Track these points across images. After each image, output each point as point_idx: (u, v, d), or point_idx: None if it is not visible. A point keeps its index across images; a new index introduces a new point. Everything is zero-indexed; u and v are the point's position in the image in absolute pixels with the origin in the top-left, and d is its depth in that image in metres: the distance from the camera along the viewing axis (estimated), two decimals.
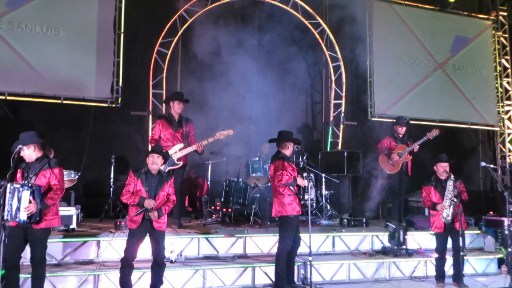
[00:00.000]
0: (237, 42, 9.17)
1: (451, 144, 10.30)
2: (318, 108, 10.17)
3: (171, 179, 5.13)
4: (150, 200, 4.85)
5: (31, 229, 4.44)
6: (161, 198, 4.96)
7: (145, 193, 4.90)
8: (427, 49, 10.72)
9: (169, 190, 5.07)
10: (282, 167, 5.31)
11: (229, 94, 9.20)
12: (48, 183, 4.55)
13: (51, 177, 4.58)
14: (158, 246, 4.98)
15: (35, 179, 4.49)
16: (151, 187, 4.93)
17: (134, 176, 4.97)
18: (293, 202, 5.37)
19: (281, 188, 5.34)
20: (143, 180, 4.93)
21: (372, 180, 8.38)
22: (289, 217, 5.33)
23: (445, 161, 6.14)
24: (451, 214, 5.90)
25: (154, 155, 5.01)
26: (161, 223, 4.96)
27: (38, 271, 4.57)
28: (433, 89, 10.64)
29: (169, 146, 6.42)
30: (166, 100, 6.75)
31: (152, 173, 4.99)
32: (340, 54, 9.84)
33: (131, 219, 4.91)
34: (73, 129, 8.31)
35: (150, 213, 4.85)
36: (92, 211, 7.51)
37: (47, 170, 4.57)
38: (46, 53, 8.06)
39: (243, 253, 6.32)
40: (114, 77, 8.49)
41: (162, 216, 4.93)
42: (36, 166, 4.54)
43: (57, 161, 4.67)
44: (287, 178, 5.26)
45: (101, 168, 8.34)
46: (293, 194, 5.40)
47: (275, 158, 5.51)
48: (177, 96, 6.60)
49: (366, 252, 6.76)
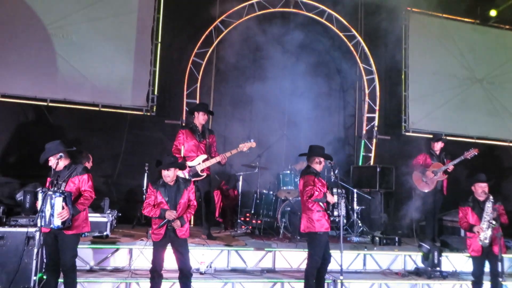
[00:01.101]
0: (270, 54, 9.22)
1: (489, 162, 9.95)
2: (350, 121, 10.06)
3: (190, 185, 5.11)
4: (171, 212, 4.87)
5: (62, 235, 4.53)
6: (182, 206, 4.98)
7: (165, 204, 4.93)
8: (465, 63, 10.45)
9: (190, 196, 5.05)
10: (312, 183, 5.25)
11: (262, 106, 9.25)
12: (78, 189, 4.65)
13: (80, 183, 4.68)
14: (182, 256, 4.97)
15: (64, 185, 4.59)
16: (171, 197, 4.95)
17: (153, 188, 4.99)
18: (322, 219, 5.29)
19: (310, 203, 5.29)
20: (162, 191, 4.96)
21: (405, 197, 8.20)
22: (318, 233, 5.25)
23: (484, 181, 5.91)
24: (489, 237, 5.67)
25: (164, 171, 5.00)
26: (184, 231, 4.97)
27: (69, 277, 4.65)
28: (471, 104, 10.35)
29: (192, 157, 6.42)
30: (191, 110, 6.79)
31: (170, 183, 5.03)
32: (374, 67, 9.72)
33: (154, 232, 4.94)
34: (109, 135, 8.53)
35: (173, 223, 4.88)
36: (125, 217, 7.64)
37: (76, 177, 4.66)
38: (87, 61, 8.33)
39: (272, 268, 6.28)
40: (150, 86, 8.68)
41: (184, 224, 4.95)
42: (65, 173, 4.64)
43: (84, 167, 4.76)
44: (316, 194, 5.19)
45: (135, 175, 8.50)
46: (322, 210, 5.31)
47: (305, 172, 5.45)
48: (202, 107, 6.62)
49: (398, 272, 6.58)
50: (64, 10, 8.30)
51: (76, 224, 4.59)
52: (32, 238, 5.08)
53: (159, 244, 4.96)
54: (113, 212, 6.79)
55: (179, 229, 4.92)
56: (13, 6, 8.05)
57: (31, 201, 6.09)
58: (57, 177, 4.61)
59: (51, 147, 4.69)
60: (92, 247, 5.74)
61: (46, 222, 4.38)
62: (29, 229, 5.10)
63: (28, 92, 8.02)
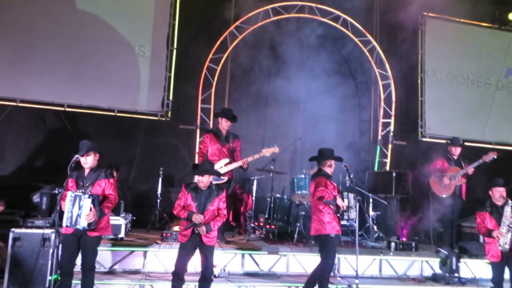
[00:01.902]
0: (284, 59, 9.24)
1: (508, 168, 9.71)
2: (365, 127, 9.98)
3: (222, 193, 5.10)
4: (198, 215, 4.87)
5: (85, 236, 4.58)
6: (210, 213, 4.97)
7: (194, 208, 4.94)
8: (483, 68, 10.31)
9: (220, 205, 5.05)
10: (324, 185, 5.23)
11: (276, 110, 9.25)
12: (103, 192, 4.71)
13: (106, 187, 4.73)
14: (206, 261, 4.98)
15: (91, 188, 4.66)
16: (200, 202, 4.97)
17: (185, 190, 5.02)
18: (333, 221, 5.24)
19: (320, 205, 5.26)
20: (193, 195, 4.98)
21: (422, 203, 8.07)
22: (329, 236, 5.20)
23: (502, 186, 5.80)
24: (509, 242, 5.54)
25: (197, 176, 5.03)
26: (211, 238, 4.95)
27: (88, 278, 4.69)
28: (488, 109, 10.21)
29: (215, 161, 6.47)
30: (216, 114, 6.84)
31: (202, 188, 5.03)
32: (390, 72, 9.65)
33: (181, 233, 4.98)
34: (125, 140, 8.63)
35: (199, 228, 4.87)
36: (139, 221, 7.67)
37: (103, 180, 4.72)
38: (103, 67, 8.47)
39: (286, 272, 6.21)
40: (165, 92, 8.77)
41: (211, 231, 4.95)
42: (92, 175, 4.70)
43: (111, 172, 4.84)
44: (327, 195, 5.17)
45: (149, 180, 8.56)
46: (332, 212, 5.28)
47: (317, 175, 5.43)
48: (226, 113, 6.64)
49: (415, 278, 6.45)
50: (82, 17, 8.45)
51: (100, 227, 4.64)
52: (48, 239, 5.14)
53: (184, 247, 4.95)
54: (127, 216, 6.83)
55: (205, 236, 4.89)
56: (32, 13, 8.24)
57: (47, 203, 6.16)
58: (83, 179, 4.67)
59: (92, 144, 4.73)
60: (107, 249, 5.76)
61: (72, 222, 4.44)
62: (45, 230, 5.16)
63: (46, 98, 8.18)
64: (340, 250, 6.44)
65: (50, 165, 7.94)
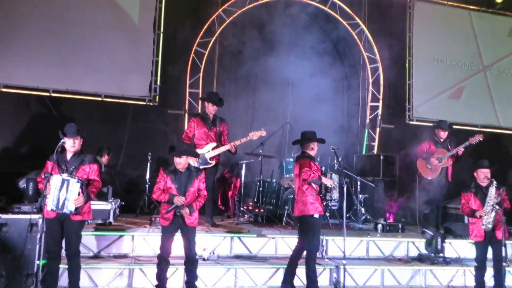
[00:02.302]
0: (273, 43, 9.20)
1: (494, 150, 9.86)
2: (354, 110, 10.01)
3: (201, 174, 5.15)
4: (179, 197, 4.90)
5: (69, 221, 4.56)
6: (191, 194, 5.01)
7: (175, 190, 4.95)
8: (470, 51, 10.34)
9: (200, 186, 5.09)
10: (308, 165, 5.33)
11: (265, 94, 9.23)
12: (88, 177, 4.69)
13: (90, 172, 4.72)
14: (189, 243, 5.03)
15: (75, 172, 4.63)
16: (181, 184, 4.98)
17: (164, 173, 5.03)
18: (316, 202, 5.35)
19: (304, 186, 5.36)
20: (173, 177, 4.99)
21: (409, 185, 8.18)
22: (312, 216, 5.31)
23: (486, 167, 5.89)
24: (492, 221, 5.64)
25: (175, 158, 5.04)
26: (193, 219, 5.01)
27: (74, 262, 4.70)
28: (476, 92, 10.26)
29: (202, 145, 6.47)
30: (202, 99, 6.80)
31: (181, 170, 5.04)
32: (378, 56, 9.65)
33: (163, 217, 4.99)
34: (112, 126, 8.56)
35: (182, 210, 4.90)
36: (128, 206, 7.66)
37: (87, 165, 4.71)
38: (89, 51, 8.31)
39: (275, 254, 6.29)
40: (152, 76, 8.67)
41: (193, 212, 4.98)
42: (75, 160, 4.67)
43: (95, 157, 4.82)
44: (312, 175, 5.26)
45: (138, 165, 8.54)
46: (315, 193, 5.38)
47: (301, 157, 5.54)
48: (212, 97, 6.60)
49: (401, 258, 6.58)
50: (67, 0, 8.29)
51: (83, 211, 4.63)
52: (35, 225, 5.09)
53: (167, 230, 5.00)
54: (116, 201, 6.82)
55: (188, 217, 4.95)
56: None
57: (33, 188, 6.12)
58: (66, 163, 4.62)
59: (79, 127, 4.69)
60: (96, 234, 5.77)
61: (59, 206, 4.43)
62: (32, 216, 5.12)
63: (30, 83, 8.04)
64: (328, 232, 6.55)
65: (35, 151, 7.84)
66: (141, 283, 5.38)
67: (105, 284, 5.29)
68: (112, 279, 5.32)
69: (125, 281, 5.37)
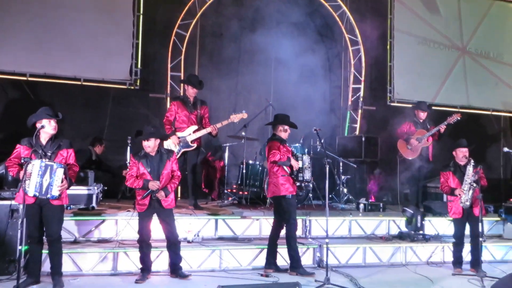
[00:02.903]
0: (255, 25, 9.11)
1: (472, 130, 10.09)
2: (336, 92, 10.04)
3: (173, 156, 5.16)
4: (154, 182, 4.90)
5: (49, 205, 4.52)
6: (165, 177, 5.01)
7: (148, 175, 4.95)
8: (450, 32, 10.44)
9: (173, 167, 5.11)
10: (276, 148, 5.42)
11: (247, 77, 9.19)
12: (66, 162, 4.65)
13: (68, 156, 4.68)
14: (168, 225, 5.06)
15: (54, 157, 4.57)
16: (153, 168, 4.98)
17: (134, 160, 5.01)
18: (286, 183, 5.45)
19: (274, 168, 5.46)
20: (144, 162, 4.98)
21: (390, 165, 8.32)
22: (284, 197, 5.42)
23: (465, 146, 6.05)
24: (470, 199, 5.83)
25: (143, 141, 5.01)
26: (169, 201, 5.03)
27: (55, 247, 4.68)
28: (455, 74, 10.40)
29: (183, 128, 6.45)
30: (182, 81, 6.73)
31: (151, 154, 5.01)
32: (360, 38, 9.67)
33: (139, 203, 4.99)
34: (93, 110, 8.42)
35: (157, 194, 4.91)
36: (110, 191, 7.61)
37: (65, 150, 4.66)
38: (67, 34, 8.12)
39: (259, 235, 6.36)
40: (133, 59, 8.53)
41: (169, 194, 5.00)
42: (52, 145, 4.60)
43: (70, 141, 4.76)
44: (279, 157, 5.35)
45: (120, 150, 8.44)
46: (286, 174, 5.46)
47: (270, 139, 5.64)
48: (191, 80, 6.54)
49: (382, 236, 6.74)
50: None
51: (62, 196, 4.60)
52: (16, 210, 5.04)
53: (144, 215, 5.02)
54: (98, 186, 6.76)
55: (164, 200, 4.97)
56: None
57: None
58: (42, 148, 4.55)
59: (50, 110, 4.60)
60: (78, 219, 5.74)
61: (42, 191, 4.39)
62: (13, 201, 5.05)
63: (6, 67, 7.83)
64: (311, 213, 6.65)
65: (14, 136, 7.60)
66: (126, 267, 5.39)
67: (90, 268, 5.28)
68: (96, 263, 5.31)
69: (109, 265, 5.36)
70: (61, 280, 4.67)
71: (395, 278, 5.64)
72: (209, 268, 5.62)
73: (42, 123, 4.52)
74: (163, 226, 5.11)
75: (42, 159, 4.44)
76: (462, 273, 5.91)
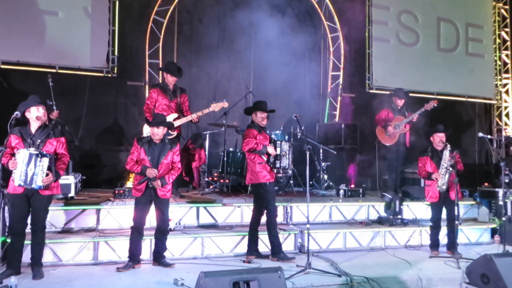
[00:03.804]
0: (234, 12, 9.03)
1: (448, 116, 10.31)
2: (316, 80, 10.08)
3: (176, 147, 5.14)
4: (152, 169, 4.88)
5: (37, 195, 4.46)
6: (164, 166, 4.99)
7: (148, 162, 4.93)
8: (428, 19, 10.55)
9: (174, 158, 5.10)
10: (251, 136, 5.44)
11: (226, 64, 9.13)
12: (55, 151, 4.56)
13: (58, 146, 4.60)
14: (162, 214, 5.07)
15: (42, 146, 4.48)
16: (154, 156, 4.97)
17: (138, 145, 5.02)
18: (263, 170, 5.48)
19: (251, 155, 5.48)
20: (146, 149, 4.98)
21: (369, 152, 8.44)
22: (261, 184, 5.45)
23: (442, 131, 6.18)
24: (447, 183, 5.97)
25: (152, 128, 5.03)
26: (165, 192, 5.02)
27: (38, 237, 4.63)
28: (432, 61, 10.56)
29: None
30: (160, 69, 6.63)
31: (155, 141, 4.99)
32: (339, 25, 9.71)
33: (135, 188, 4.98)
34: (69, 99, 8.22)
35: (154, 182, 4.88)
36: (90, 181, 7.51)
37: (54, 139, 4.58)
38: (41, 20, 7.89)
39: (241, 222, 6.38)
40: (109, 46, 8.35)
41: (166, 185, 4.96)
42: (41, 133, 4.52)
43: (61, 130, 4.69)
44: (252, 146, 5.36)
45: (98, 139, 8.35)
46: (263, 162, 5.49)
47: (247, 126, 5.66)
48: (170, 68, 6.44)
49: (362, 221, 6.85)
50: None
51: (52, 186, 4.55)
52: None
53: (140, 201, 5.00)
54: (77, 175, 6.66)
55: (160, 189, 4.95)
56: None
57: None
58: (31, 137, 4.45)
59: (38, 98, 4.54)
60: (57, 209, 5.62)
61: (27, 181, 4.31)
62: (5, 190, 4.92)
63: None
64: (292, 199, 6.70)
65: None
66: (107, 256, 5.34)
67: (70, 258, 5.22)
68: (76, 253, 5.25)
69: (90, 254, 5.31)
70: (41, 271, 4.61)
71: (374, 261, 5.75)
72: (191, 256, 5.62)
73: (30, 112, 4.42)
74: (156, 213, 5.12)
75: (28, 148, 4.34)
76: (439, 255, 6.08)
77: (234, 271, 3.96)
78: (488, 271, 4.36)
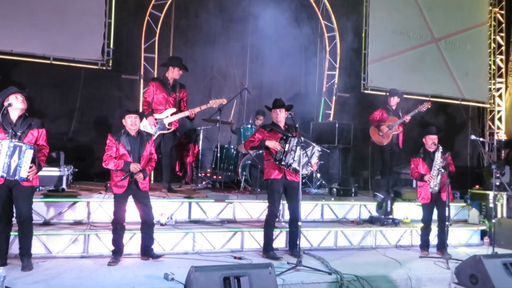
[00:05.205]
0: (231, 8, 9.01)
1: (442, 119, 10.39)
2: (311, 79, 10.08)
3: (151, 138, 5.15)
4: (135, 164, 4.84)
5: (19, 186, 4.41)
6: (145, 159, 4.98)
7: (128, 156, 4.87)
8: (423, 22, 10.59)
9: (151, 149, 5.09)
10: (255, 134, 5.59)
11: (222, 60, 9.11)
12: (36, 142, 4.52)
13: (39, 137, 4.56)
14: (145, 207, 5.03)
15: (24, 137, 4.44)
16: (134, 149, 4.91)
17: (114, 140, 4.90)
18: (269, 167, 5.51)
19: (265, 152, 5.57)
20: (125, 143, 4.89)
21: (362, 152, 8.47)
22: (267, 181, 5.52)
23: (434, 134, 6.22)
24: (438, 184, 6.02)
25: (131, 115, 4.94)
26: (145, 184, 5.00)
27: (26, 228, 4.58)
28: (427, 63, 10.59)
29: (161, 110, 6.35)
30: (165, 63, 6.59)
31: (132, 134, 4.94)
32: (336, 24, 9.72)
33: (116, 185, 4.90)
34: (63, 91, 8.18)
35: (136, 176, 4.86)
36: (82, 173, 7.47)
37: (36, 130, 4.53)
38: (35, 11, 7.80)
39: (233, 218, 6.38)
40: (105, 39, 8.27)
41: (146, 177, 4.98)
42: (23, 124, 4.46)
43: (42, 121, 4.63)
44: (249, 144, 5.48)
45: (91, 132, 8.30)
46: (271, 159, 5.49)
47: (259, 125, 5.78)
48: (178, 62, 6.44)
49: (353, 220, 6.89)
50: None
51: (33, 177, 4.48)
52: None
53: (121, 197, 4.94)
54: (69, 167, 6.61)
55: (141, 182, 4.92)
56: None
57: None
58: (12, 127, 4.39)
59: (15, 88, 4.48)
60: (48, 201, 5.60)
61: (10, 173, 4.27)
62: None
63: None
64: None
65: None
66: (97, 249, 5.32)
67: (60, 251, 5.18)
68: (67, 246, 5.21)
69: (80, 247, 5.28)
70: (30, 262, 4.57)
71: (365, 260, 5.78)
72: (182, 251, 5.60)
73: (9, 101, 4.37)
74: (139, 207, 5.06)
75: (11, 140, 4.30)
76: (428, 255, 6.12)
77: (225, 266, 3.97)
78: (477, 271, 4.39)
